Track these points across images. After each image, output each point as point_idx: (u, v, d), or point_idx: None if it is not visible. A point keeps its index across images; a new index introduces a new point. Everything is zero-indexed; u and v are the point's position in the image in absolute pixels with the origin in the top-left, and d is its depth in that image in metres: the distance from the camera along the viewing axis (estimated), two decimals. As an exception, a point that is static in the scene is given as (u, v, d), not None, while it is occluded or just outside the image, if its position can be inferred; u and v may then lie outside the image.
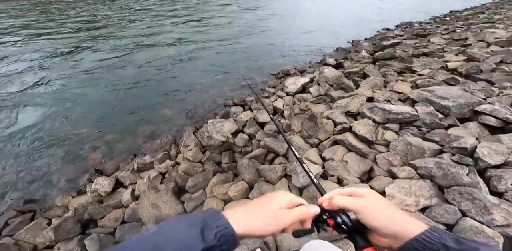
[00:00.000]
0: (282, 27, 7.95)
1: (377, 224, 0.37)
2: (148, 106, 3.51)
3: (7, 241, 1.72)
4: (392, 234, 0.36)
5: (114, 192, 1.95)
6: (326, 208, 0.42)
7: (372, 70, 3.28)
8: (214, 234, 0.31)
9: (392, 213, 0.38)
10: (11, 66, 5.09)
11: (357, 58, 4.24)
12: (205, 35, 7.03)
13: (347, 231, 0.39)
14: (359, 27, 7.75)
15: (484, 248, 0.30)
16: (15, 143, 2.85)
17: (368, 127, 1.84)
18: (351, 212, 0.39)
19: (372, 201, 0.40)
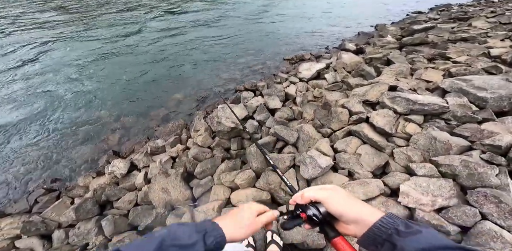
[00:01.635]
0: (299, 9, 7.37)
1: (341, 212, 0.41)
2: (160, 90, 3.57)
3: (35, 219, 1.87)
4: (354, 220, 0.40)
5: (129, 174, 2.05)
6: (299, 203, 0.47)
7: (398, 56, 2.96)
8: (212, 240, 0.40)
9: (353, 201, 0.43)
10: (29, 50, 5.33)
11: (381, 43, 3.84)
12: (220, 20, 6.73)
13: (317, 222, 0.44)
14: (386, 10, 6.96)
15: (426, 230, 0.34)
16: (41, 124, 3.06)
17: (387, 118, 1.69)
18: (321, 205, 0.44)
19: (336, 192, 0.45)
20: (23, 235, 1.82)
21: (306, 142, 1.85)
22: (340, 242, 0.41)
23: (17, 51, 5.30)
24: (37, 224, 1.82)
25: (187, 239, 0.38)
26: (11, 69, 4.54)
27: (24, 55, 5.08)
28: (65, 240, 1.73)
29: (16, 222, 1.95)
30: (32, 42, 5.72)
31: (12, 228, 1.92)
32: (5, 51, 5.33)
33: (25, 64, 4.70)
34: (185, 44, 5.11)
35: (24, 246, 1.78)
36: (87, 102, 3.38)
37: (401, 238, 0.34)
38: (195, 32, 5.88)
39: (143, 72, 4.09)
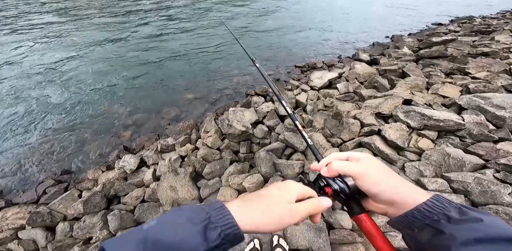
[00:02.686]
0: (313, 17, 7.53)
1: (376, 191, 0.35)
2: (173, 89, 3.71)
3: (42, 210, 1.87)
4: (391, 201, 0.35)
5: (138, 170, 2.12)
6: (324, 175, 0.41)
7: (414, 69, 3.00)
8: (218, 233, 0.27)
9: (393, 179, 0.36)
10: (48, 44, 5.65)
11: (396, 55, 3.89)
12: (237, 23, 6.96)
13: (343, 198, 0.39)
14: (403, 20, 7.00)
15: (487, 217, 0.29)
16: (57, 115, 3.22)
17: (400, 132, 1.72)
18: (349, 177, 0.38)
19: (372, 166, 0.38)
20: (28, 226, 1.83)
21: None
22: (364, 219, 0.37)
23: (39, 46, 5.63)
24: (44, 215, 1.84)
25: (178, 234, 0.26)
26: (30, 61, 4.82)
27: (43, 51, 5.39)
28: (69, 233, 1.76)
29: (22, 212, 1.98)
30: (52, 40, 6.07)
31: (17, 218, 1.95)
32: (33, 46, 5.68)
33: (43, 58, 4.99)
34: (199, 45, 5.30)
35: (27, 237, 1.80)
36: (103, 98, 3.56)
37: (452, 225, 0.29)
38: (211, 33, 6.10)
39: (158, 71, 4.28)
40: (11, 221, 1.92)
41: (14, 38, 6.13)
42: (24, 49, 5.46)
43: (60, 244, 1.67)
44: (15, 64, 4.78)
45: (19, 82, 4.07)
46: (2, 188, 2.32)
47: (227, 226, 0.28)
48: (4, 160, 2.60)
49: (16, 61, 4.88)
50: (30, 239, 1.79)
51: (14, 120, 3.17)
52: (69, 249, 1.66)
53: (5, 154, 2.67)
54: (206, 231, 0.27)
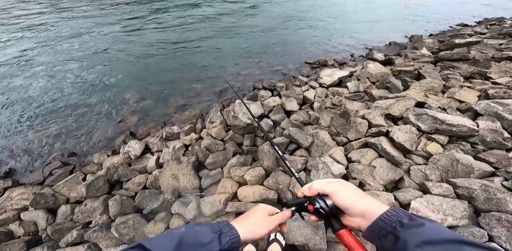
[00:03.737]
0: (328, 15, 7.33)
1: (348, 205, 0.44)
2: (181, 78, 3.78)
3: (46, 192, 1.91)
4: (361, 213, 0.42)
5: (142, 157, 2.19)
6: (307, 195, 0.50)
7: (431, 71, 2.92)
8: (227, 240, 0.42)
9: (361, 195, 0.45)
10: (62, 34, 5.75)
11: (413, 55, 3.79)
12: (251, 18, 6.87)
13: (324, 214, 0.46)
14: (426, 20, 6.72)
15: (428, 223, 0.36)
16: (68, 98, 3.35)
17: (409, 135, 1.71)
18: (328, 198, 0.47)
19: (343, 185, 0.48)
20: (31, 207, 1.87)
21: (320, 148, 1.91)
22: (345, 234, 0.43)
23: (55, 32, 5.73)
24: (47, 197, 1.87)
25: (203, 238, 0.40)
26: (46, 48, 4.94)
27: (59, 38, 5.49)
28: (69, 216, 1.79)
29: (27, 193, 2.02)
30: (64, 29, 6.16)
31: (22, 198, 1.99)
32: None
33: (59, 45, 5.09)
34: (211, 38, 5.30)
35: (29, 218, 1.83)
36: (113, 84, 3.67)
37: (404, 230, 0.35)
38: (223, 25, 6.06)
39: (168, 60, 4.35)
40: (15, 202, 1.97)
41: (31, 24, 6.26)
42: (44, 35, 5.59)
43: (59, 227, 1.70)
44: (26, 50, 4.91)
45: (32, 67, 4.20)
46: (11, 167, 2.43)
47: (233, 235, 0.44)
48: (15, 140, 2.73)
49: (28, 49, 5.01)
50: (31, 221, 1.82)
51: (26, 102, 3.29)
52: (67, 232, 1.68)
53: (16, 134, 2.80)
54: (220, 238, 0.42)
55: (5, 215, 1.86)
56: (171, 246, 0.37)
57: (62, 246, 1.61)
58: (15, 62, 4.33)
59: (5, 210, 1.92)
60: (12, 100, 3.33)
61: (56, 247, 1.63)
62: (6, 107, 3.21)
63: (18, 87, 3.59)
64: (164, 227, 1.60)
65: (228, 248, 0.41)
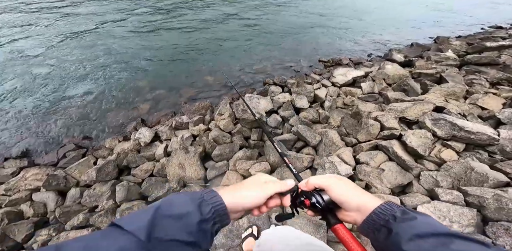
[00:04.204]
0: (346, 11, 7.11)
1: (343, 199, 0.44)
2: (194, 70, 3.88)
3: (59, 173, 1.97)
4: (356, 208, 0.43)
5: (151, 144, 2.27)
6: (304, 189, 0.50)
7: (455, 75, 2.81)
8: (210, 208, 0.38)
9: (356, 189, 0.46)
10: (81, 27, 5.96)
11: (437, 58, 3.65)
12: (266, 15, 6.80)
13: (320, 209, 0.47)
14: (455, 21, 6.38)
15: (421, 216, 0.37)
16: (86, 83, 3.52)
17: (423, 140, 1.68)
18: (325, 194, 0.47)
19: (339, 180, 0.48)
20: (42, 189, 1.93)
21: (328, 147, 1.91)
22: (340, 228, 0.44)
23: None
24: (59, 179, 1.92)
25: (181, 208, 0.36)
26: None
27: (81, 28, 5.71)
28: (78, 200, 1.84)
29: (41, 174, 2.10)
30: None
31: (35, 179, 2.05)
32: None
33: (79, 36, 5.30)
34: (225, 31, 5.33)
35: (39, 199, 1.88)
36: (129, 71, 3.82)
37: (397, 224, 0.36)
38: (240, 20, 6.06)
39: (182, 52, 4.45)
40: (29, 182, 2.03)
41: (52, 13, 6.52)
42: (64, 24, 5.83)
43: (67, 210, 1.74)
44: (44, 36, 5.14)
45: (53, 52, 4.41)
46: (28, 148, 2.56)
47: (216, 203, 0.39)
48: (33, 122, 2.89)
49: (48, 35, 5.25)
50: (42, 202, 1.87)
51: (46, 87, 3.47)
52: (74, 215, 1.72)
53: (35, 117, 2.97)
54: (200, 207, 0.37)
55: (18, 195, 1.92)
56: (144, 221, 0.33)
57: (68, 229, 1.65)
58: (33, 50, 4.55)
59: (18, 190, 1.99)
60: (32, 86, 3.52)
61: (62, 230, 1.67)
62: (27, 92, 3.40)
63: (39, 74, 3.78)
64: None
65: (211, 217, 0.37)
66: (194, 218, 0.36)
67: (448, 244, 0.31)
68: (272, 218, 1.51)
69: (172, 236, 0.33)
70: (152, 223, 0.33)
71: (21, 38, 4.93)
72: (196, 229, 0.35)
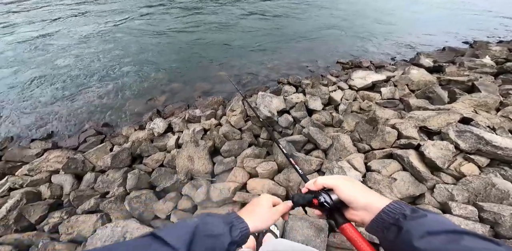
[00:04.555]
0: (371, 11, 6.79)
1: (352, 198, 0.46)
2: (210, 65, 4.00)
3: (78, 157, 2.06)
4: (364, 207, 0.44)
5: (164, 135, 2.37)
6: (312, 189, 0.53)
7: (489, 84, 2.61)
8: (238, 233, 0.45)
9: (364, 189, 0.48)
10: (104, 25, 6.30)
11: (471, 64, 3.40)
12: (288, 13, 6.73)
13: (328, 208, 0.48)
14: (494, 24, 5.87)
15: (430, 214, 0.38)
16: (109, 74, 3.77)
17: (444, 152, 1.60)
18: (333, 193, 0.49)
19: (347, 179, 0.50)
20: (62, 171, 2.03)
21: (338, 152, 1.89)
22: (348, 228, 0.45)
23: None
24: (78, 162, 2.02)
25: (217, 230, 0.43)
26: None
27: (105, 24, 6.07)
28: (92, 184, 1.92)
29: (62, 156, 2.24)
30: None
31: (56, 161, 2.19)
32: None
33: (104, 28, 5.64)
34: (243, 27, 5.40)
35: (57, 181, 1.98)
36: (149, 64, 4.04)
37: (407, 222, 0.37)
38: (258, 18, 6.07)
39: (200, 48, 4.59)
40: (50, 164, 2.16)
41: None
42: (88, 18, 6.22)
43: (81, 194, 1.82)
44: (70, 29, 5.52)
45: (78, 44, 4.76)
46: (53, 130, 2.81)
47: (243, 228, 0.47)
48: (59, 106, 3.15)
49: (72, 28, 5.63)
50: (59, 184, 1.96)
51: (73, 76, 3.77)
52: (86, 200, 1.79)
53: (61, 102, 3.23)
54: (231, 230, 0.45)
55: (39, 176, 2.03)
56: (186, 237, 0.38)
57: (79, 213, 1.73)
58: (60, 43, 4.89)
59: (40, 170, 2.11)
60: (59, 74, 3.82)
61: (73, 213, 1.74)
62: (54, 79, 3.70)
63: (66, 64, 4.09)
64: (172, 207, 1.69)
65: (238, 240, 0.44)
66: (226, 240, 0.42)
67: (459, 241, 0.32)
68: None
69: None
70: (192, 239, 0.39)
71: (51, 31, 5.34)
72: (226, 249, 0.41)
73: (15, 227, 1.68)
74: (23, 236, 1.60)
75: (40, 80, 3.68)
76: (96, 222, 1.61)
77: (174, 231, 0.40)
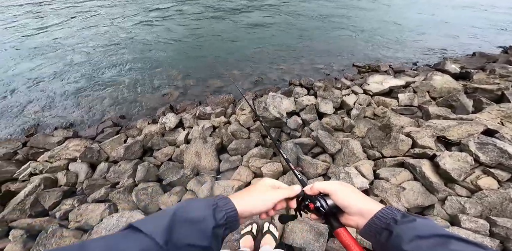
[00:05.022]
0: (393, 12, 6.54)
1: (347, 203, 0.47)
2: (223, 63, 4.13)
3: (95, 147, 2.17)
4: (359, 212, 0.46)
5: (175, 130, 2.48)
6: (308, 193, 0.54)
7: (521, 94, 2.45)
8: (223, 214, 0.41)
9: (359, 195, 0.49)
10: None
11: (503, 71, 3.19)
12: (306, 12, 6.73)
13: (324, 213, 0.50)
14: None
15: (420, 219, 0.40)
16: (127, 69, 4.04)
17: (461, 164, 1.53)
18: (329, 198, 0.50)
19: (345, 185, 0.51)
20: (79, 159, 2.14)
21: (347, 157, 1.87)
22: (342, 232, 0.46)
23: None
24: (94, 152, 2.12)
25: (197, 214, 0.39)
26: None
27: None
28: (104, 174, 2.00)
29: (80, 145, 2.39)
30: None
31: (75, 150, 2.34)
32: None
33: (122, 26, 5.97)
34: (255, 29, 5.48)
35: (74, 169, 2.09)
36: (165, 61, 4.25)
37: (397, 226, 0.39)
38: (276, 16, 6.11)
39: (215, 46, 4.75)
40: (69, 152, 2.30)
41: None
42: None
43: (93, 183, 1.89)
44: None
45: (96, 40, 5.09)
46: (75, 119, 3.05)
47: (229, 209, 0.42)
48: (81, 98, 3.41)
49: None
50: (75, 172, 2.06)
51: (95, 71, 4.06)
52: (97, 189, 1.85)
53: (83, 94, 3.50)
54: (215, 213, 0.41)
55: (58, 163, 2.15)
56: (163, 225, 0.36)
57: (89, 201, 1.79)
58: (80, 38, 5.25)
59: (59, 158, 2.23)
60: (82, 69, 4.12)
61: (84, 202, 1.81)
62: (77, 74, 3.99)
63: (89, 61, 4.39)
64: (176, 201, 1.72)
65: (224, 223, 0.40)
66: (210, 223, 0.39)
67: (447, 244, 0.34)
68: (275, 219, 1.55)
69: (188, 240, 0.36)
70: (170, 227, 0.36)
71: (72, 25, 5.76)
72: (211, 234, 0.38)
73: (29, 212, 1.76)
74: (35, 221, 1.68)
75: (65, 74, 4.00)
76: (103, 211, 1.67)
77: (152, 221, 0.38)
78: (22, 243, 1.54)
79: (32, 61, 4.35)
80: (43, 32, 5.59)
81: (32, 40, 5.19)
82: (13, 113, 3.19)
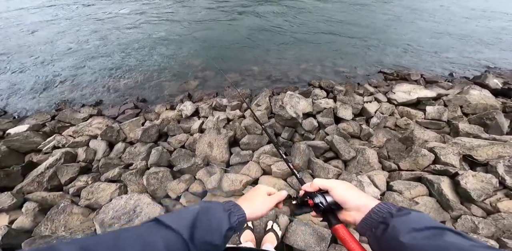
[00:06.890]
0: (434, 16, 6.22)
1: (345, 199, 0.52)
2: (244, 58, 4.23)
3: (115, 126, 2.30)
4: (357, 207, 0.50)
5: (191, 118, 2.61)
6: (308, 190, 0.59)
7: None
8: (236, 219, 0.50)
9: (357, 191, 0.54)
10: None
11: (552, 93, 2.99)
12: (339, 13, 6.63)
13: (323, 209, 0.54)
14: None
15: (414, 212, 0.44)
16: (154, 56, 4.31)
17: (483, 185, 1.51)
18: (328, 195, 0.55)
19: (343, 183, 0.57)
20: (99, 137, 2.27)
21: (360, 166, 1.89)
22: (340, 228, 0.50)
23: None
24: (114, 131, 2.24)
25: (217, 216, 0.48)
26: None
27: None
28: (120, 154, 2.11)
29: (103, 123, 2.56)
30: None
31: (97, 127, 2.50)
32: None
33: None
34: (285, 24, 5.56)
35: (93, 146, 2.21)
36: (188, 52, 4.48)
37: (393, 219, 0.43)
38: (305, 16, 6.10)
39: (237, 41, 4.87)
40: (91, 129, 2.45)
41: None
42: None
43: (109, 162, 1.98)
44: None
45: (132, 31, 5.41)
46: (101, 99, 3.34)
47: (241, 215, 0.52)
48: (109, 79, 3.73)
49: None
50: (94, 149, 2.18)
51: (124, 57, 4.36)
52: (112, 168, 1.93)
53: (112, 75, 3.81)
54: (230, 217, 0.50)
55: (80, 139, 2.29)
56: (188, 222, 0.43)
57: (102, 180, 1.86)
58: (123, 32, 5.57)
59: (82, 133, 2.39)
60: (109, 54, 4.43)
61: (97, 180, 1.89)
62: (106, 59, 4.31)
63: (117, 48, 4.70)
64: (184, 188, 1.80)
65: (235, 226, 0.49)
66: (225, 226, 0.47)
67: (442, 236, 0.37)
68: (279, 218, 1.60)
69: (206, 238, 0.43)
70: (194, 224, 0.43)
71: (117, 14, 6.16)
72: (224, 234, 0.46)
73: (46, 185, 1.85)
74: (50, 195, 1.76)
75: (95, 59, 4.33)
76: (114, 191, 1.75)
77: (177, 216, 0.45)
78: (32, 216, 1.63)
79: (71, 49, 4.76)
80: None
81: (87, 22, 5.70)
82: (48, 88, 3.55)
